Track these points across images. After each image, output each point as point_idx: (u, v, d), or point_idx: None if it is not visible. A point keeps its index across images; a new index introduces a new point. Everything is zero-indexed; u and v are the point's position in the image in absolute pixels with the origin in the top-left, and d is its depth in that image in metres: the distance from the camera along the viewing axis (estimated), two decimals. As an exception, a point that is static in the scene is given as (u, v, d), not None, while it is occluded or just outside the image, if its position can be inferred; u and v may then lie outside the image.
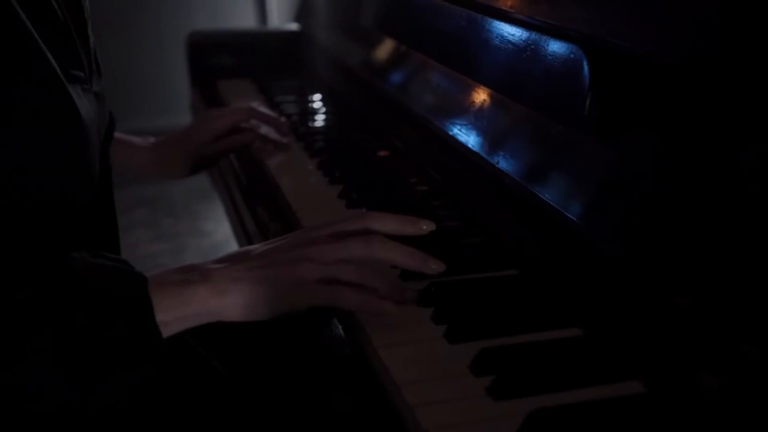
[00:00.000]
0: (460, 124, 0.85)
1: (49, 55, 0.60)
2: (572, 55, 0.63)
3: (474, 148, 0.80)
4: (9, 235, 0.61)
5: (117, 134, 0.94)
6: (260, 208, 0.96)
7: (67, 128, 0.63)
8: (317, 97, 1.32)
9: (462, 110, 0.86)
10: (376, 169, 1.00)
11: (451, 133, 0.85)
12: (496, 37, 0.77)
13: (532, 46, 0.70)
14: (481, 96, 0.82)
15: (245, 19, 2.91)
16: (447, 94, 0.92)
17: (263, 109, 1.10)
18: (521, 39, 0.73)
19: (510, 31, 0.75)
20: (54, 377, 0.54)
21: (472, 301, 0.63)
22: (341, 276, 0.62)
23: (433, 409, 0.50)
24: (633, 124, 0.60)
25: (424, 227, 0.66)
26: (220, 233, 2.48)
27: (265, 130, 1.07)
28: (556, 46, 0.66)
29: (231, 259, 0.65)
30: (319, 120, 1.24)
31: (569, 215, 0.62)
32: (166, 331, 0.59)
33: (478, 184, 0.79)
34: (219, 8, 2.87)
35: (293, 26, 1.56)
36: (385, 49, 1.12)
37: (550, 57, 0.67)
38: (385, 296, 0.61)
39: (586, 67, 0.61)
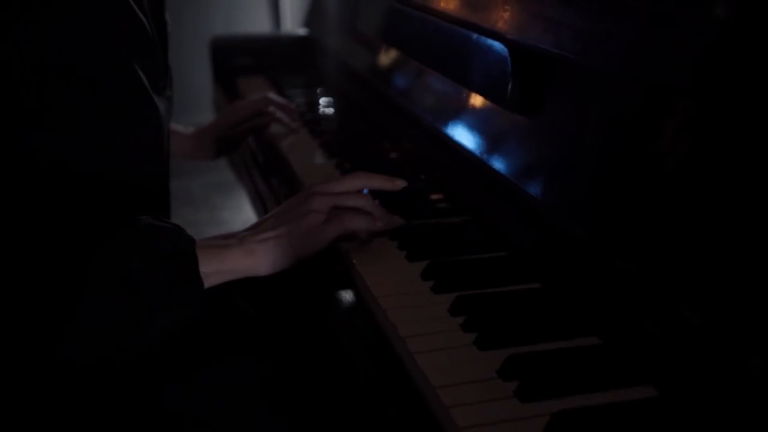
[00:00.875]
0: (432, 110, 1.09)
1: (142, 75, 0.80)
2: (502, 53, 0.87)
3: (439, 127, 1.04)
4: (106, 199, 0.81)
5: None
6: (274, 178, 1.20)
7: (151, 126, 0.84)
8: (321, 90, 1.56)
9: (430, 97, 1.10)
10: (363, 146, 1.23)
11: (423, 115, 1.09)
12: (459, 40, 1.01)
13: (481, 47, 0.94)
14: (444, 83, 1.06)
15: (260, 24, 3.14)
16: (422, 86, 1.16)
17: (278, 98, 1.34)
18: (475, 41, 0.96)
19: (468, 36, 0.98)
20: (116, 307, 0.70)
21: (498, 312, 0.70)
22: (343, 204, 0.83)
23: (466, 409, 0.56)
24: (544, 103, 0.84)
25: (398, 183, 0.89)
26: (237, 222, 2.69)
27: (279, 114, 1.31)
28: (493, 46, 0.90)
29: (257, 226, 0.83)
30: (322, 109, 1.47)
31: (514, 180, 0.84)
32: (207, 282, 0.76)
33: (439, 151, 1.03)
34: (235, 14, 3.11)
35: (302, 31, 1.80)
36: (372, 49, 1.36)
37: (490, 55, 0.91)
38: (378, 217, 0.84)
39: (509, 62, 0.85)
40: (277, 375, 0.87)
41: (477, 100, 0.97)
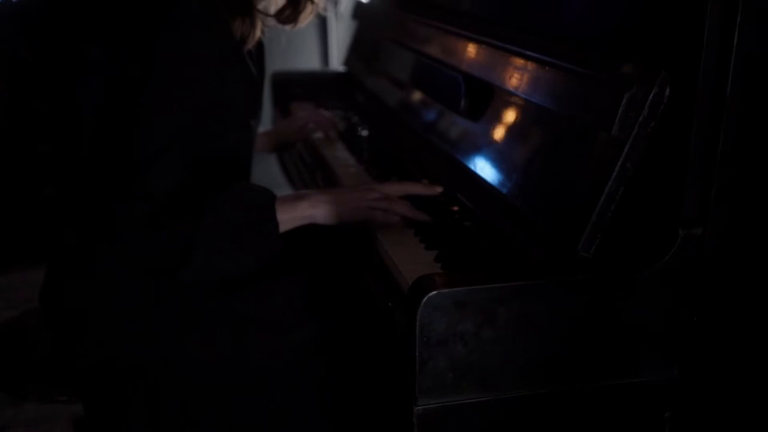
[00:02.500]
0: (424, 124, 1.60)
1: (244, 111, 1.33)
2: (459, 78, 1.38)
3: (428, 134, 1.54)
4: (225, 179, 1.26)
5: None
6: (316, 170, 1.71)
7: (248, 142, 1.36)
8: (352, 113, 2.07)
9: (423, 116, 1.61)
10: (381, 150, 1.74)
11: (419, 126, 1.60)
12: (437, 72, 1.52)
13: (449, 76, 1.44)
14: (428, 102, 1.57)
15: (312, 62, 3.71)
16: (417, 108, 1.66)
17: (325, 112, 1.87)
18: (445, 73, 1.46)
19: (442, 70, 1.49)
20: (221, 240, 1.15)
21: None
22: (380, 205, 1.25)
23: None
24: (487, 112, 1.33)
25: (436, 189, 1.34)
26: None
27: (324, 126, 1.83)
28: (453, 75, 1.41)
29: (321, 191, 1.33)
30: (352, 126, 1.98)
31: (477, 172, 1.32)
32: (282, 226, 1.19)
33: (428, 146, 1.53)
34: (292, 53, 3.69)
35: (343, 68, 2.33)
36: (388, 82, 1.88)
37: (453, 80, 1.41)
38: (409, 216, 1.25)
39: (462, 84, 1.36)
40: (314, 296, 1.34)
41: (453, 117, 1.48)
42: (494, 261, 1.10)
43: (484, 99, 1.33)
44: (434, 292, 0.90)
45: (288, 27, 1.50)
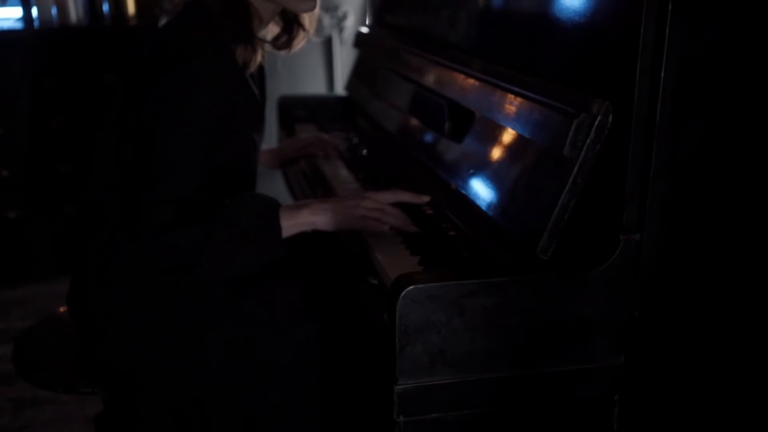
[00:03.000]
0: (413, 142, 1.77)
1: (248, 128, 1.52)
2: (443, 105, 1.56)
3: (419, 154, 1.72)
4: (233, 187, 1.47)
5: None
6: (316, 185, 1.89)
7: (252, 154, 1.55)
8: (352, 134, 2.25)
9: (414, 134, 1.79)
10: (377, 169, 1.92)
11: (407, 147, 1.78)
12: (425, 98, 1.69)
13: (435, 102, 1.62)
14: (419, 125, 1.75)
15: (318, 86, 3.91)
16: (411, 128, 1.84)
17: (326, 136, 2.05)
18: (432, 100, 1.64)
19: (430, 97, 1.67)
20: (231, 242, 1.33)
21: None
22: (373, 215, 1.42)
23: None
24: (467, 135, 1.51)
25: (424, 198, 1.51)
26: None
27: (324, 148, 2.02)
28: (439, 101, 1.59)
29: (321, 200, 1.49)
30: (353, 146, 2.16)
31: (458, 188, 1.51)
32: (285, 231, 1.36)
33: (418, 165, 1.70)
34: (298, 78, 3.89)
35: (344, 93, 2.52)
36: (386, 106, 2.06)
37: (439, 106, 1.59)
38: (397, 225, 1.42)
39: (446, 110, 1.54)
40: (314, 298, 1.51)
41: (439, 139, 1.65)
42: (467, 263, 1.27)
43: (465, 123, 1.51)
44: (411, 287, 1.07)
45: (283, 52, 1.68)
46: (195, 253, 1.30)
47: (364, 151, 2.05)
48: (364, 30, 2.46)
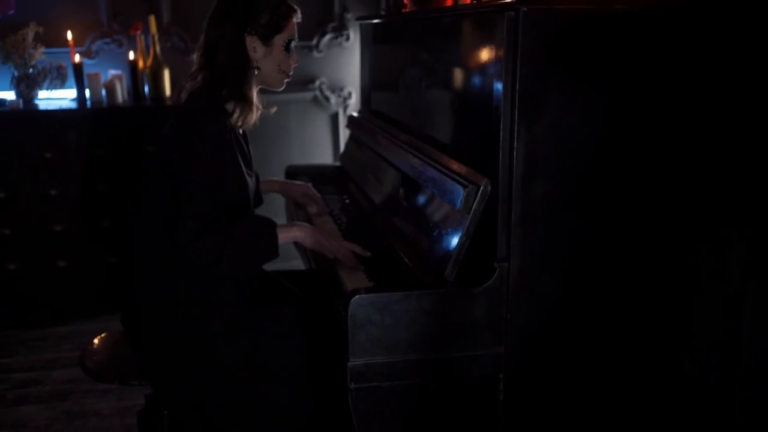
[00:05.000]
0: (381, 200, 2.42)
1: (243, 166, 2.18)
2: (399, 175, 2.21)
3: (385, 209, 2.37)
4: (235, 212, 2.11)
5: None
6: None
7: (246, 190, 2.20)
8: (345, 196, 2.90)
9: (381, 195, 2.44)
10: (354, 222, 2.56)
11: (378, 204, 2.43)
12: (387, 168, 2.35)
13: (392, 174, 2.27)
14: (383, 187, 2.40)
15: (325, 155, 4.60)
16: (378, 189, 2.49)
17: (317, 194, 2.70)
18: (390, 172, 2.29)
19: (389, 169, 2.32)
20: (245, 246, 2.00)
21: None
22: (334, 251, 2.11)
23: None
24: (410, 194, 2.15)
25: (367, 254, 2.17)
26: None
27: (316, 201, 2.68)
28: (396, 173, 2.24)
29: (309, 225, 2.15)
30: (344, 205, 2.81)
31: (406, 233, 2.15)
32: (279, 241, 2.02)
33: (383, 218, 2.35)
34: (310, 146, 4.58)
35: (338, 164, 3.19)
36: (365, 173, 2.71)
37: (396, 177, 2.24)
38: (353, 261, 2.12)
39: (400, 180, 2.19)
40: (304, 315, 2.17)
41: (395, 198, 2.30)
42: (399, 282, 1.90)
43: (411, 188, 2.16)
44: (358, 296, 1.71)
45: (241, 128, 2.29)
46: (218, 254, 1.93)
47: (349, 208, 2.70)
48: (355, 114, 3.15)
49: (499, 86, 1.68)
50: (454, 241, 1.79)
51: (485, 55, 1.78)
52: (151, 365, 2.11)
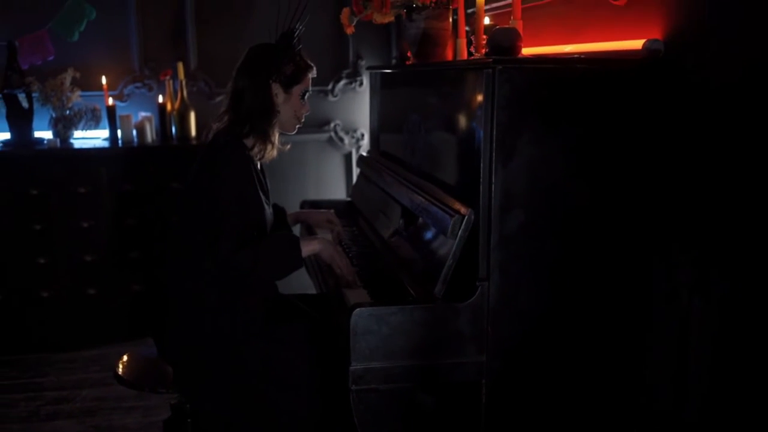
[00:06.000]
0: (385, 231, 2.74)
1: (263, 197, 2.52)
2: (399, 208, 2.53)
3: (389, 239, 2.69)
4: (256, 227, 2.46)
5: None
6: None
7: (263, 215, 2.53)
8: (354, 228, 3.22)
9: (386, 226, 2.76)
10: (362, 251, 2.88)
11: (382, 234, 2.75)
12: (390, 202, 2.67)
13: (394, 207, 2.59)
14: (388, 220, 2.73)
15: (339, 190, 4.94)
16: (383, 222, 2.81)
17: (338, 221, 3.03)
18: (393, 206, 2.61)
19: (392, 203, 2.64)
20: (275, 256, 2.36)
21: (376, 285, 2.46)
22: (340, 265, 2.46)
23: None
24: (410, 225, 2.47)
25: (359, 284, 2.52)
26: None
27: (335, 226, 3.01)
28: (397, 206, 2.56)
29: (327, 240, 2.54)
30: (353, 236, 3.12)
31: (404, 258, 2.47)
32: (303, 253, 2.39)
33: (388, 247, 2.67)
34: (323, 186, 4.93)
35: (348, 199, 3.52)
36: (372, 208, 3.04)
37: (396, 210, 2.56)
38: (354, 279, 2.47)
39: (400, 212, 2.51)
40: (315, 332, 2.48)
41: (397, 228, 2.62)
42: (396, 298, 2.22)
43: (410, 219, 2.48)
44: (359, 309, 2.02)
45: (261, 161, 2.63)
46: (251, 265, 2.29)
47: (355, 231, 3.04)
48: (364, 154, 3.49)
49: (480, 131, 2.01)
50: (443, 262, 2.11)
51: (469, 104, 2.11)
52: (180, 373, 2.43)
